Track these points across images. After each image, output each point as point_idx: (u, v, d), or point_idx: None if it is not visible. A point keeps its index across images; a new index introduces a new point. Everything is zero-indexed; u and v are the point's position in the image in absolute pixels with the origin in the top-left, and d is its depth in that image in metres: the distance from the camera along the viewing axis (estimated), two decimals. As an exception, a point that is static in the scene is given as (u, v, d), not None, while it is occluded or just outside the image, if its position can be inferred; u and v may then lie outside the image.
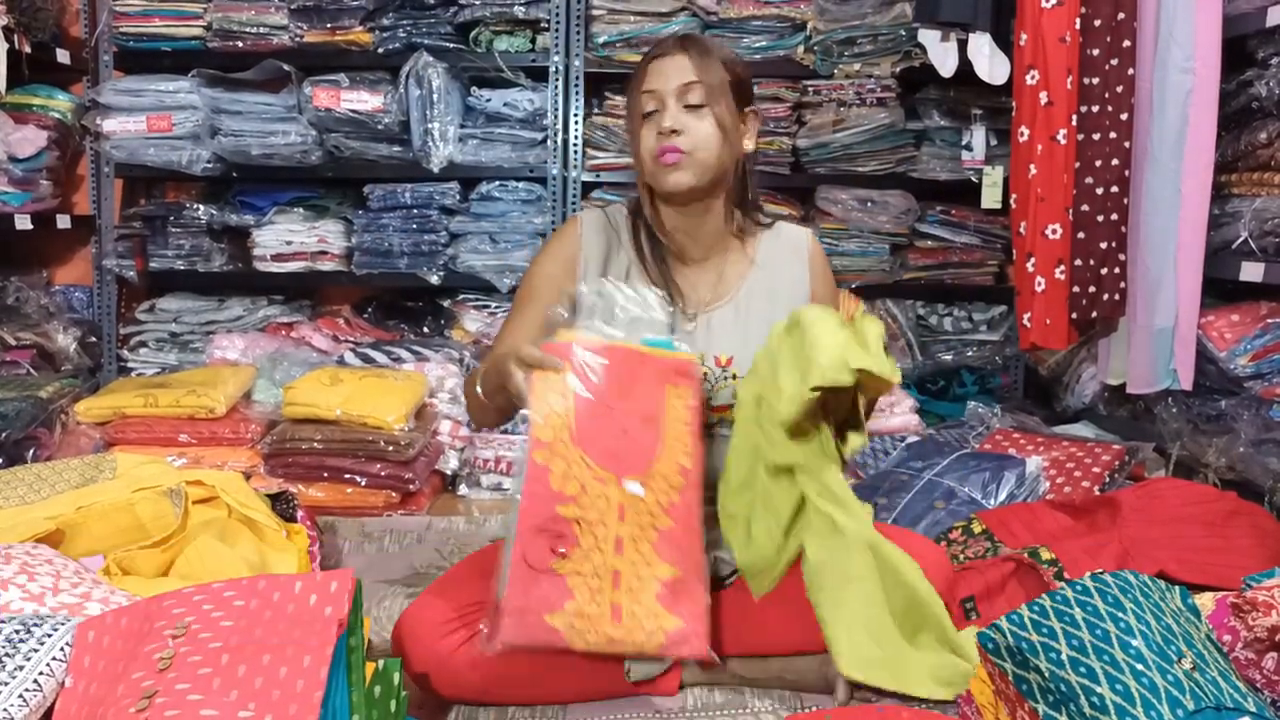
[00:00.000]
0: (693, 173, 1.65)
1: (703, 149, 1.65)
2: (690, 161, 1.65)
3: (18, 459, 2.55)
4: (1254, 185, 2.47)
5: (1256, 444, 2.38)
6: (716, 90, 1.65)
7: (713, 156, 1.66)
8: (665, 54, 1.68)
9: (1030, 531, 1.94)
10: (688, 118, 1.65)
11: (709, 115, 1.65)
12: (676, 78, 1.65)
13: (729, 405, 1.68)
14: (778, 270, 1.77)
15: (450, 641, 1.53)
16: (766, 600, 1.63)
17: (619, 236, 1.78)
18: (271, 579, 1.24)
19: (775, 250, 1.78)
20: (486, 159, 3.26)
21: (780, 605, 1.62)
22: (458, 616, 1.55)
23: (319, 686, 1.09)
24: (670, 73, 1.66)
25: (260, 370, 2.94)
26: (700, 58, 1.66)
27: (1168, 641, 1.27)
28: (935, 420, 3.13)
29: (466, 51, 3.23)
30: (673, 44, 1.69)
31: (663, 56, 1.68)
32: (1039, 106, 2.57)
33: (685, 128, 1.64)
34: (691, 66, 1.65)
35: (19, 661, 1.20)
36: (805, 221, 3.38)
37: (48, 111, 3.17)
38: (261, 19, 3.22)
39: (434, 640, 1.53)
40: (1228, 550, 1.88)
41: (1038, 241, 2.62)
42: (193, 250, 3.33)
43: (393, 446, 2.62)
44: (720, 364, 1.71)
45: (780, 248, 1.79)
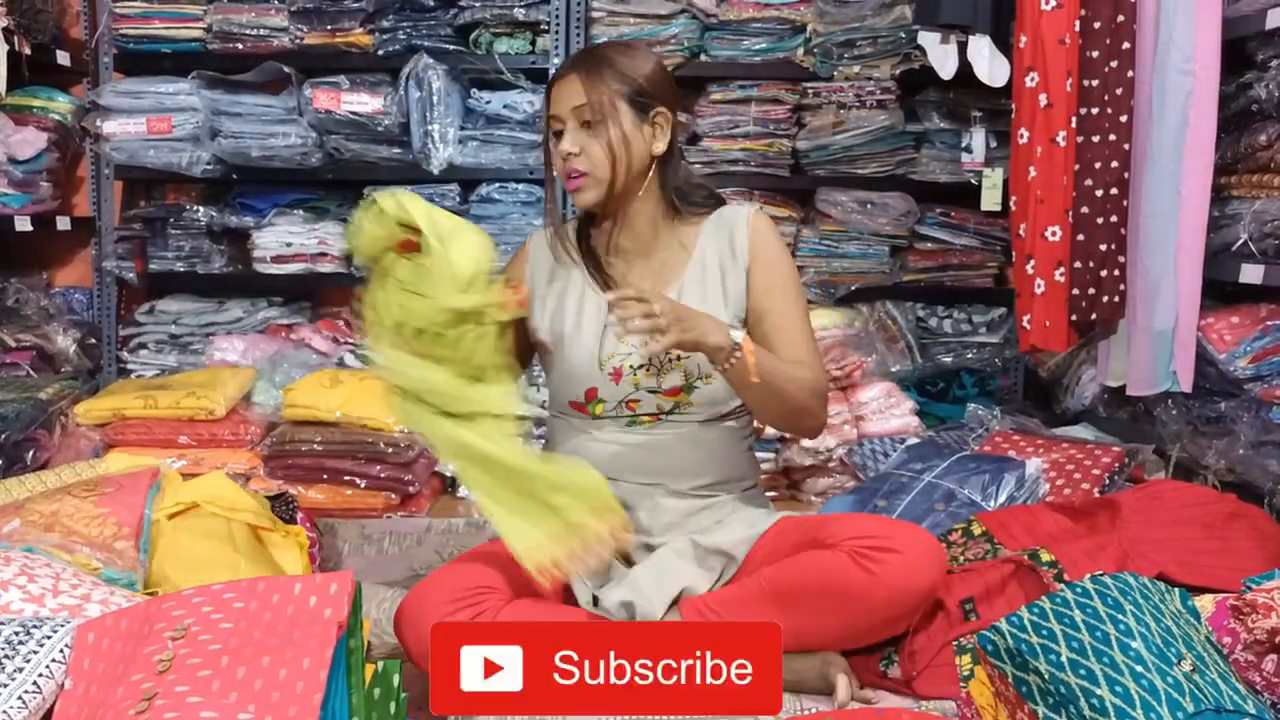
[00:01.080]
0: (595, 190, 1.74)
1: (600, 168, 1.72)
2: (591, 181, 1.73)
3: (17, 460, 2.55)
4: (1254, 187, 2.47)
5: (1256, 446, 2.38)
6: (607, 107, 1.71)
7: (611, 172, 1.72)
8: (560, 76, 1.75)
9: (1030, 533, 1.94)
10: (586, 137, 1.72)
11: (603, 133, 1.71)
12: (569, 100, 1.72)
13: (679, 387, 1.75)
14: (712, 258, 1.80)
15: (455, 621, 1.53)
16: (765, 601, 1.63)
17: (568, 242, 1.85)
18: (271, 581, 1.24)
19: (713, 237, 1.81)
20: (486, 161, 3.26)
21: (779, 606, 1.62)
22: (461, 598, 1.57)
23: (318, 688, 1.09)
24: (563, 96, 1.73)
25: (260, 372, 2.94)
26: (589, 77, 1.72)
27: (1167, 643, 1.27)
28: (935, 422, 3.13)
29: (466, 53, 3.23)
30: (568, 65, 1.76)
31: (559, 80, 1.75)
32: (1039, 109, 2.57)
33: (583, 147, 1.72)
34: (581, 88, 1.71)
35: (18, 663, 1.20)
36: (805, 223, 3.38)
37: (48, 113, 3.17)
38: (261, 21, 3.22)
39: (439, 619, 1.53)
40: (1227, 552, 1.88)
41: (1037, 243, 2.62)
42: (192, 252, 3.33)
43: (392, 448, 2.62)
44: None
45: (719, 233, 1.82)
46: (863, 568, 1.59)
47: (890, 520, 1.84)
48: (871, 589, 1.59)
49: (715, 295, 1.78)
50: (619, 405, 1.77)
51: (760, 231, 1.81)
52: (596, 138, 1.71)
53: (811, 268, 3.36)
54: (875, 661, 1.69)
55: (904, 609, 1.63)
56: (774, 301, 1.78)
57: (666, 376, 1.75)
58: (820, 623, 1.62)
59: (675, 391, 1.76)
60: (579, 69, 1.73)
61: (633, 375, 1.75)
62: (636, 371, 1.75)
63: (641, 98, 1.74)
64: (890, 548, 1.61)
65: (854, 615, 1.62)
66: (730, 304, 1.78)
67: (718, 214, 1.84)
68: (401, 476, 2.63)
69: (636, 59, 1.77)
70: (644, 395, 1.76)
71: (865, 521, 1.75)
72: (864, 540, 1.62)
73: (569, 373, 1.79)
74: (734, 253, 1.80)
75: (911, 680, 1.65)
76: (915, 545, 1.63)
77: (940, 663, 1.65)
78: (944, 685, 1.62)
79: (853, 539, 1.62)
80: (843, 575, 1.60)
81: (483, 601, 1.59)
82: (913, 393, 3.16)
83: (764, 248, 1.80)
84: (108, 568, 1.67)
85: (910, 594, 1.62)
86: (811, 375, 1.73)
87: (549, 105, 1.77)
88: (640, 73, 1.75)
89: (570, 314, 1.81)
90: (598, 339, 1.77)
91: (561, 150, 1.72)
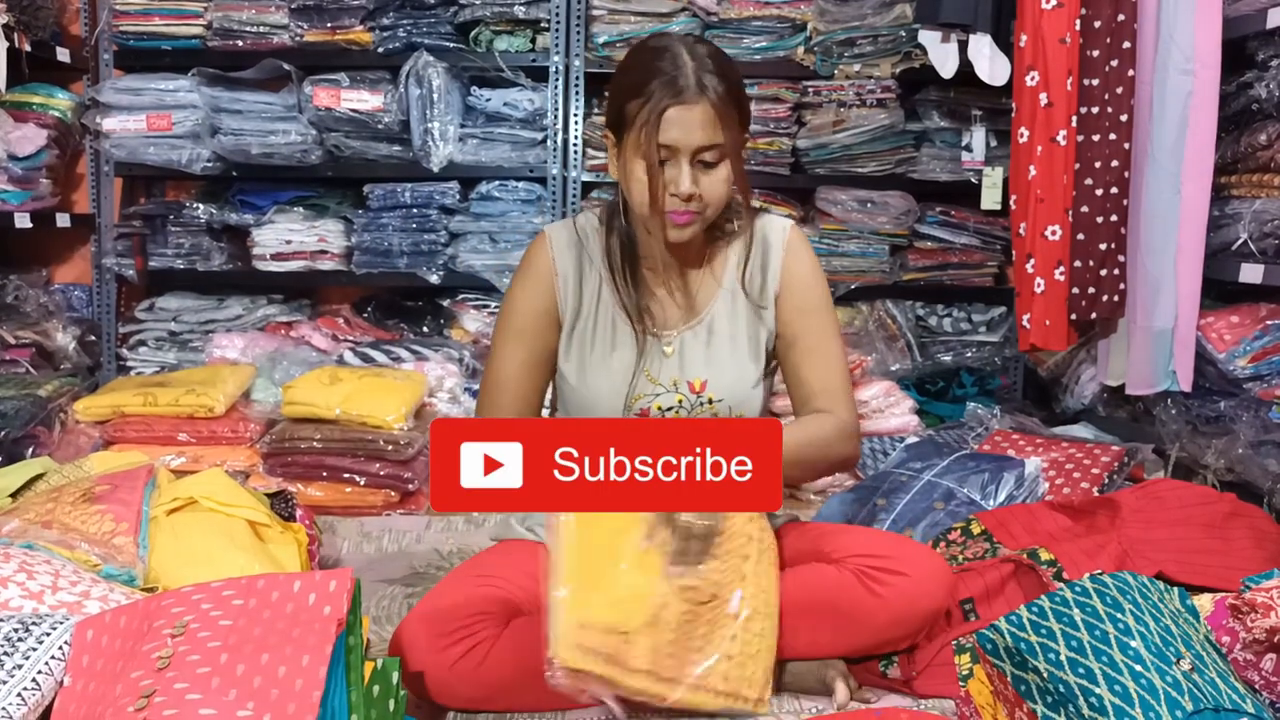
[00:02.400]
0: (699, 226, 1.63)
1: (714, 206, 1.61)
2: (701, 220, 1.61)
3: (17, 457, 2.55)
4: (1254, 187, 2.47)
5: (1255, 445, 2.38)
6: (733, 146, 1.58)
7: (720, 208, 1.63)
8: (686, 102, 1.53)
9: (1029, 532, 1.94)
10: (702, 175, 1.58)
11: (724, 169, 1.59)
12: (699, 137, 1.54)
13: None
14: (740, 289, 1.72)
15: (451, 654, 1.51)
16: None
17: (589, 253, 1.73)
18: (270, 578, 1.24)
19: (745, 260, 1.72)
20: (486, 159, 3.26)
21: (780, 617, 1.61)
22: (458, 629, 1.53)
23: (318, 686, 1.09)
24: (693, 129, 1.54)
25: (259, 369, 2.94)
26: (722, 110, 1.54)
27: (1166, 643, 1.27)
28: (934, 421, 3.13)
29: (467, 51, 3.23)
30: (693, 89, 1.53)
31: (683, 105, 1.53)
32: (1039, 108, 2.57)
33: (700, 187, 1.57)
34: (714, 124, 1.54)
35: (17, 660, 1.20)
36: (805, 222, 3.38)
37: (47, 110, 3.17)
38: (262, 18, 3.22)
39: (435, 652, 1.51)
40: (1226, 552, 1.88)
41: (1037, 242, 2.62)
42: (192, 249, 3.33)
43: (392, 446, 2.62)
44: (695, 389, 1.69)
45: (755, 255, 1.72)
46: (868, 589, 1.57)
47: (898, 539, 1.78)
48: (876, 611, 1.57)
49: (744, 330, 1.71)
50: None
51: (795, 252, 1.73)
52: (715, 175, 1.58)
53: (811, 267, 3.35)
54: (875, 661, 1.68)
55: (907, 630, 1.61)
56: (806, 326, 1.71)
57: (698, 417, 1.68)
58: (820, 638, 1.60)
59: None
60: (706, 97, 1.53)
61: (661, 417, 1.68)
62: (665, 413, 1.68)
63: (746, 120, 1.63)
64: (898, 570, 1.58)
65: (856, 635, 1.60)
66: (762, 338, 1.73)
67: (751, 230, 1.74)
68: (401, 474, 2.63)
69: (738, 76, 1.61)
70: None
71: (872, 538, 1.71)
72: (871, 560, 1.59)
73: (590, 408, 1.69)
74: (766, 277, 1.72)
75: (911, 680, 1.65)
76: (922, 568, 1.60)
77: (939, 662, 1.65)
78: (943, 684, 1.62)
79: (859, 556, 1.60)
80: (848, 595, 1.57)
81: (478, 632, 1.53)
82: (912, 391, 3.16)
83: (798, 269, 1.72)
84: (107, 564, 1.66)
85: (915, 617, 1.59)
86: (836, 426, 1.66)
87: (661, 128, 1.53)
88: (745, 96, 1.62)
89: (598, 347, 1.70)
90: (628, 380, 1.68)
91: (682, 190, 1.55)
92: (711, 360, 1.70)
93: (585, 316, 1.72)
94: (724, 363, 1.70)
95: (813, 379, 1.69)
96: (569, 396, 1.72)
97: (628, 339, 1.69)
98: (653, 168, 1.56)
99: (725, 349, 1.71)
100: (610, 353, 1.69)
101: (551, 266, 1.72)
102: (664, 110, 1.53)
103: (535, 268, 1.73)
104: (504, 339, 1.73)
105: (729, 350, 1.70)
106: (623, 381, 1.67)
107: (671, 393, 1.68)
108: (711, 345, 1.71)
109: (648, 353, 1.69)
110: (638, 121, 1.55)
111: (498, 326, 1.76)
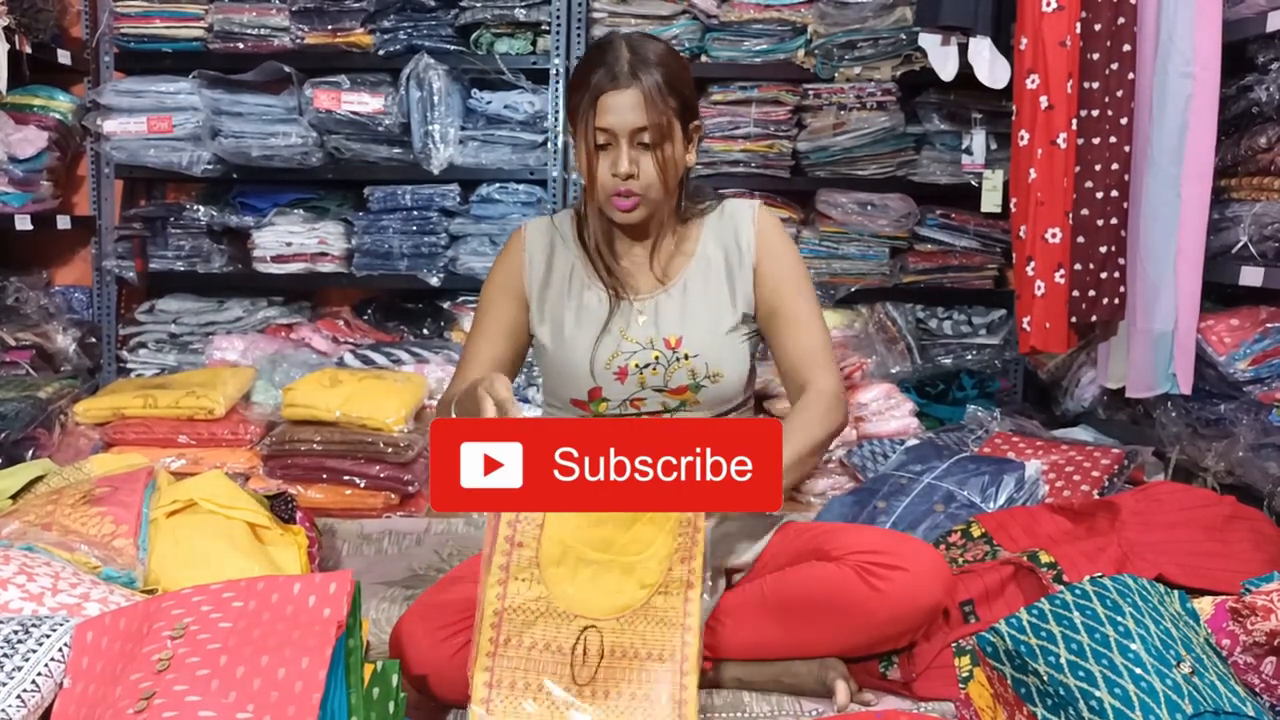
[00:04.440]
0: (644, 209, 1.71)
1: (654, 190, 1.70)
2: (643, 201, 1.70)
3: (17, 459, 2.55)
4: (1254, 190, 2.47)
5: (1255, 448, 2.38)
6: (668, 128, 1.66)
7: (663, 190, 1.70)
8: (616, 87, 1.64)
9: (1029, 535, 1.94)
10: (640, 156, 1.67)
11: (659, 154, 1.67)
12: (628, 118, 1.64)
13: (686, 386, 1.74)
14: (716, 255, 1.80)
15: (450, 646, 1.53)
16: (766, 610, 1.63)
17: (562, 236, 1.83)
18: (270, 580, 1.24)
19: (716, 234, 1.80)
20: (487, 161, 3.26)
21: (780, 615, 1.62)
22: (457, 621, 1.54)
23: (317, 688, 1.09)
24: (621, 111, 1.64)
25: (260, 371, 2.95)
26: (654, 94, 1.64)
27: (1166, 645, 1.27)
28: (934, 423, 3.13)
29: (467, 54, 3.24)
30: (625, 74, 1.64)
31: (614, 89, 1.64)
32: (1039, 110, 2.57)
33: (638, 169, 1.67)
34: (644, 107, 1.64)
35: (17, 662, 1.20)
36: (805, 225, 3.38)
37: (48, 112, 3.17)
38: (262, 21, 3.22)
39: (433, 645, 1.53)
40: (1227, 555, 1.88)
41: (1037, 245, 2.62)
42: (192, 251, 3.33)
43: (392, 448, 2.62)
44: (670, 345, 1.75)
45: (723, 229, 1.80)
46: (868, 584, 1.58)
47: (897, 535, 1.81)
48: (875, 606, 1.58)
49: (718, 290, 1.78)
50: (623, 404, 1.76)
51: (766, 227, 1.80)
52: (649, 157, 1.67)
53: (812, 269, 3.33)
54: (875, 663, 1.68)
55: (907, 626, 1.61)
56: (785, 295, 1.77)
57: (673, 375, 1.74)
58: (821, 635, 1.61)
59: (682, 390, 1.75)
60: (639, 81, 1.64)
61: (638, 374, 1.74)
62: (642, 370, 1.74)
63: (686, 112, 1.71)
64: (897, 564, 1.59)
65: (856, 631, 1.61)
66: (738, 300, 1.78)
67: (719, 210, 1.83)
68: (401, 476, 2.63)
69: (679, 66, 1.71)
70: (649, 394, 1.75)
71: (871, 535, 1.72)
72: (870, 555, 1.60)
73: (571, 371, 1.77)
74: (740, 249, 1.79)
75: (911, 682, 1.65)
76: (921, 562, 1.61)
77: (939, 664, 1.65)
78: (943, 687, 1.62)
79: (858, 553, 1.61)
80: (847, 590, 1.58)
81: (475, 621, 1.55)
82: (912, 394, 3.16)
83: (771, 242, 1.79)
84: (107, 566, 1.67)
85: (915, 612, 1.60)
86: (822, 407, 1.71)
87: (597, 113, 1.65)
88: (687, 85, 1.72)
89: (571, 312, 1.79)
90: (601, 340, 1.75)
91: (620, 170, 1.66)
92: (686, 318, 1.76)
93: (557, 288, 1.80)
94: (698, 318, 1.76)
95: (795, 348, 1.76)
96: (547, 364, 1.81)
97: (601, 304, 1.77)
98: (590, 152, 1.67)
99: (699, 306, 1.77)
100: (583, 318, 1.77)
101: (522, 248, 1.84)
102: (599, 95, 1.65)
103: (508, 252, 1.85)
104: (476, 320, 1.85)
105: (703, 307, 1.77)
106: (596, 341, 1.74)
107: (648, 349, 1.74)
108: (686, 304, 1.78)
109: (621, 313, 1.76)
110: (581, 109, 1.68)
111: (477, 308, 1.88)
